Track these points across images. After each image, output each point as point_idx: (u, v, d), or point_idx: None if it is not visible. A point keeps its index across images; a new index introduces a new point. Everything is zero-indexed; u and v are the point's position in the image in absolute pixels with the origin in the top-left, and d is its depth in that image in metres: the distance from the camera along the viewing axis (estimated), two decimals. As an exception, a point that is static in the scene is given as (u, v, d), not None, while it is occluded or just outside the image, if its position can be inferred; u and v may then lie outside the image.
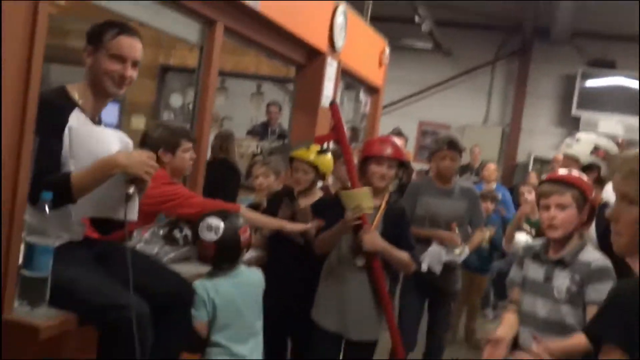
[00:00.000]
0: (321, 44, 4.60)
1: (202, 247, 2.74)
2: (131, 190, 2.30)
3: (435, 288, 4.14)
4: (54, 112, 2.26)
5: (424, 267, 3.97)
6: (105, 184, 2.28)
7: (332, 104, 3.38)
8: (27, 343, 2.11)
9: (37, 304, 2.13)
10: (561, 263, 2.65)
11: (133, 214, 2.37)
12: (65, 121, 2.30)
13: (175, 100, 7.19)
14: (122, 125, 6.52)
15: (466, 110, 12.17)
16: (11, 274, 2.06)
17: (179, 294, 2.51)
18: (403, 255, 3.23)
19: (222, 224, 2.73)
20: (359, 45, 5.44)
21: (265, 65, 6.80)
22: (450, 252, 3.98)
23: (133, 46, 2.42)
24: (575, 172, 2.85)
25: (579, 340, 2.37)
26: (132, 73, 2.43)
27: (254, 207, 4.16)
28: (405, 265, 3.27)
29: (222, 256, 2.76)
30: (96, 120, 2.47)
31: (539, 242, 2.81)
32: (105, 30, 2.39)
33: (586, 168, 3.47)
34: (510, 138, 12.16)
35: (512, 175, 11.77)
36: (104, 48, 2.38)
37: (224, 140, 5.85)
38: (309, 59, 4.67)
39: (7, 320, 2.05)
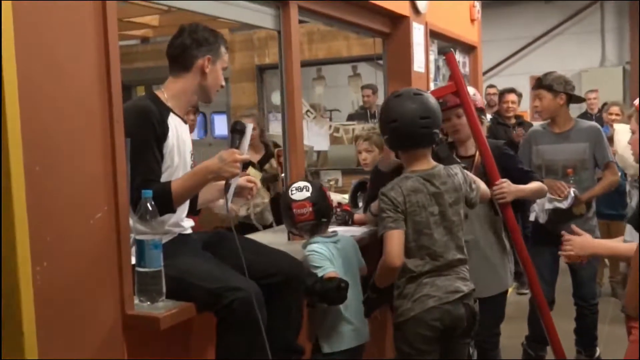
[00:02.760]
0: (403, 9, 4.48)
1: (298, 208, 2.78)
2: (230, 181, 2.38)
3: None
4: (155, 121, 2.34)
5: (531, 218, 3.89)
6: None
7: (448, 52, 3.26)
8: (149, 335, 2.21)
9: (155, 298, 2.22)
10: None
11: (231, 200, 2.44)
12: (167, 128, 2.39)
13: (276, 97, 7.29)
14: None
15: (580, 56, 11.49)
16: (126, 272, 2.16)
17: (289, 272, 2.52)
18: (534, 185, 3.26)
19: (307, 183, 2.85)
20: (445, 4, 5.25)
21: (357, 46, 6.74)
22: (553, 199, 3.74)
23: None
24: None
25: (629, 247, 2.33)
26: None
27: (362, 184, 4.12)
28: (540, 190, 3.31)
29: (320, 211, 2.81)
30: (184, 119, 2.55)
31: None
32: (220, 42, 2.51)
33: None
34: (633, 76, 11.32)
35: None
36: (220, 60, 2.50)
37: None
38: (394, 27, 4.57)
39: (129, 315, 2.15)
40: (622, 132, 3.84)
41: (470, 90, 3.35)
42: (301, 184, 2.87)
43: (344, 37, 6.70)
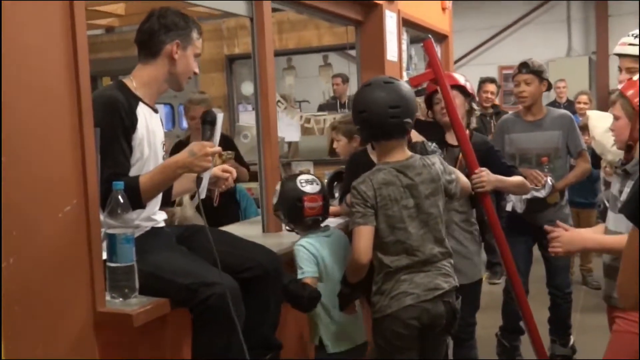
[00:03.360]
0: (376, -4, 4.44)
1: (311, 202, 2.73)
2: (201, 174, 2.30)
3: (541, 229, 3.83)
4: (123, 111, 2.24)
5: (508, 208, 3.87)
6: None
7: (427, 39, 3.19)
8: (122, 332, 2.13)
9: (127, 294, 2.14)
10: (627, 174, 2.44)
11: (204, 193, 2.36)
12: (135, 119, 2.29)
13: (246, 88, 7.20)
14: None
15: (546, 46, 11.59)
16: (97, 267, 2.07)
17: (267, 265, 2.46)
18: (515, 178, 3.23)
19: (314, 176, 2.80)
20: (417, -8, 5.22)
21: (328, 36, 6.69)
22: (531, 188, 3.71)
23: None
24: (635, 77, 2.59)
25: (619, 239, 2.24)
26: None
27: (338, 174, 4.06)
28: (522, 186, 3.28)
29: (327, 206, 2.80)
30: (155, 108, 2.46)
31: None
32: (192, 27, 2.40)
33: None
34: (599, 65, 11.48)
35: (608, 104, 11.12)
36: (191, 46, 2.39)
37: None
38: (367, 15, 4.51)
39: (101, 313, 2.06)
40: (596, 119, 3.83)
41: (461, 77, 3.32)
42: (309, 176, 2.79)
43: (314, 26, 6.62)
